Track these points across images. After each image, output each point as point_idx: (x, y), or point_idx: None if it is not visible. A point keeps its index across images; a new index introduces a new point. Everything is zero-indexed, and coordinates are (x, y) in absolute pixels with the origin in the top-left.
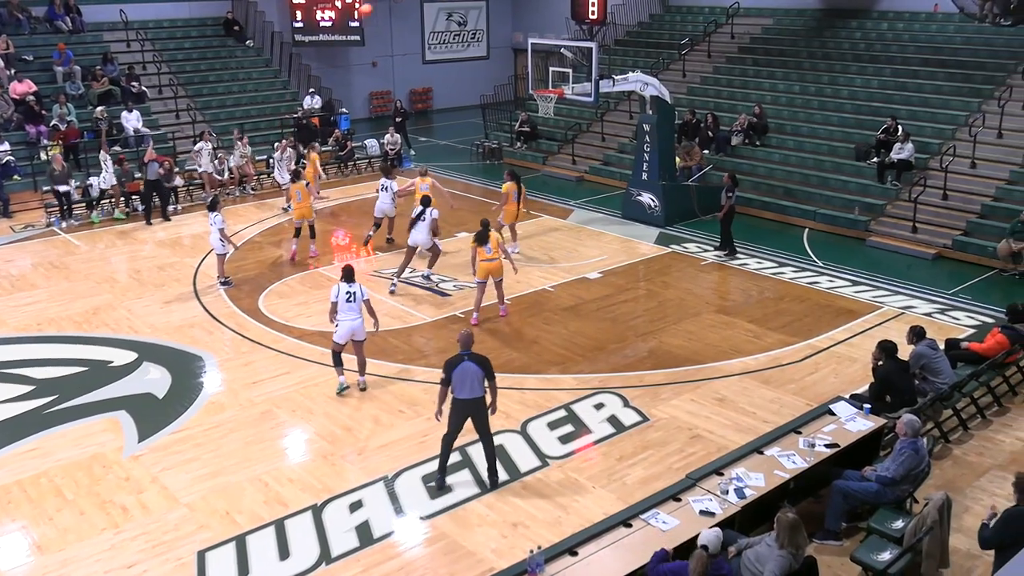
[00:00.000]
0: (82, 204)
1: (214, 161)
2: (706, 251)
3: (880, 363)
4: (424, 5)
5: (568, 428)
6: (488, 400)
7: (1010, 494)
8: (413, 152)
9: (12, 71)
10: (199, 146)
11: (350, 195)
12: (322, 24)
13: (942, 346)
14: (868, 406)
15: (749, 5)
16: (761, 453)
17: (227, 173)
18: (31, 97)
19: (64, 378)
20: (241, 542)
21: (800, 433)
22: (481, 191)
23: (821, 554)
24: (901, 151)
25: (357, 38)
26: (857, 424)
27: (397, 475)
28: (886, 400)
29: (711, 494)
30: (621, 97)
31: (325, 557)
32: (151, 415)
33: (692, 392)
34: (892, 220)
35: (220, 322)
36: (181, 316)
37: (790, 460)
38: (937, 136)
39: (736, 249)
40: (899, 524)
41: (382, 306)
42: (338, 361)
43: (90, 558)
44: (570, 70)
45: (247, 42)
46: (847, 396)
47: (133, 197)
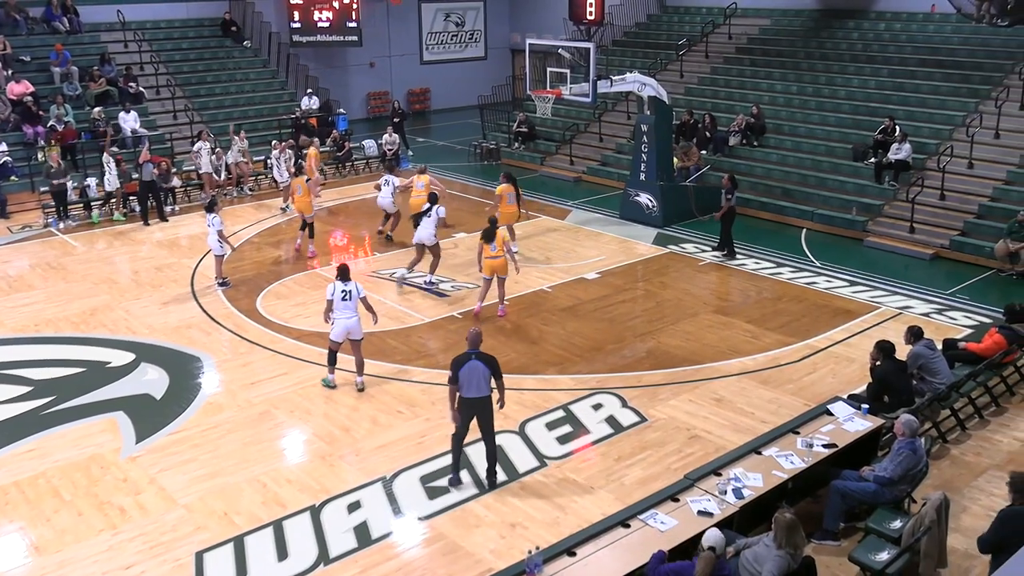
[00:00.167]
0: (79, 205)
1: (211, 157)
2: (704, 251)
3: (878, 363)
4: (422, 6)
5: (566, 428)
6: (496, 398)
7: (1008, 494)
8: (411, 153)
9: (9, 72)
10: (198, 146)
11: (348, 195)
12: (320, 25)
13: (940, 346)
14: (866, 406)
15: (747, 5)
16: (759, 453)
17: (224, 171)
18: (28, 98)
19: (62, 379)
20: (239, 543)
21: (798, 433)
22: (479, 192)
23: (819, 554)
24: (898, 151)
25: (355, 39)
26: (855, 424)
27: (395, 476)
28: (884, 400)
29: (709, 494)
30: (619, 98)
31: (323, 558)
32: (149, 416)
33: (690, 392)
34: (890, 220)
35: (218, 323)
36: (179, 317)
37: (788, 460)
38: (934, 136)
39: (736, 252)
40: (897, 524)
41: (380, 307)
42: (332, 360)
43: (88, 559)
44: (568, 71)
45: (245, 43)
46: (845, 396)
47: (131, 198)
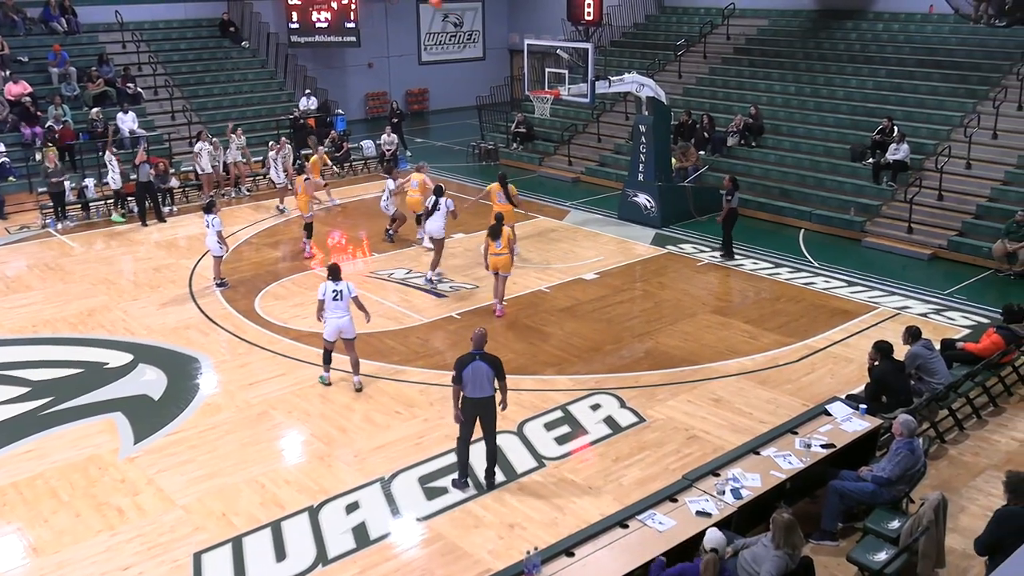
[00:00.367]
0: (77, 205)
1: (211, 156)
2: (702, 252)
3: (876, 363)
4: (420, 6)
5: (564, 429)
6: (499, 399)
7: (1004, 494)
8: (409, 153)
9: (7, 72)
10: (198, 147)
11: (346, 196)
12: (318, 25)
13: (938, 346)
14: (864, 406)
15: (745, 6)
16: (757, 453)
17: (223, 170)
18: (26, 98)
19: (60, 380)
20: (237, 544)
21: (796, 433)
22: (477, 192)
23: (817, 554)
24: (896, 152)
25: (353, 39)
26: (853, 424)
27: (394, 476)
28: (882, 400)
29: (707, 495)
30: (617, 98)
31: (322, 558)
32: (147, 417)
33: (688, 393)
34: (888, 221)
35: (216, 324)
36: (177, 318)
37: (786, 460)
38: (932, 137)
39: (734, 252)
40: (895, 524)
41: (378, 307)
42: (327, 359)
43: (86, 560)
44: (566, 71)
45: (243, 43)
46: (843, 396)
47: (128, 199)
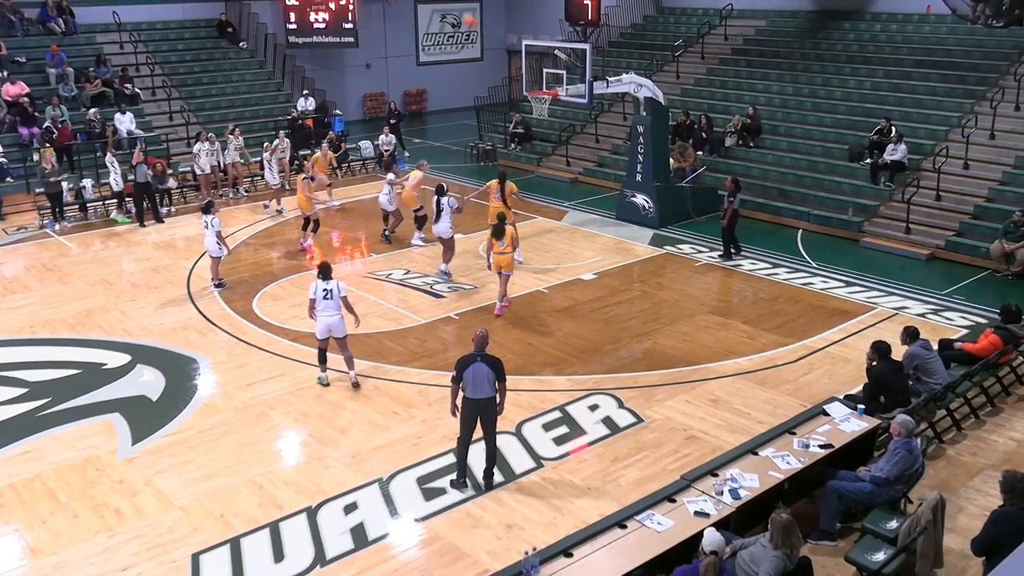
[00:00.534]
0: (75, 206)
1: (210, 157)
2: (700, 252)
3: (874, 364)
4: (418, 7)
5: (563, 429)
6: (498, 400)
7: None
8: (407, 154)
9: (5, 73)
10: (197, 147)
11: (345, 196)
12: (316, 26)
13: (936, 347)
14: (862, 407)
15: (743, 7)
16: (756, 454)
17: (220, 170)
18: (24, 99)
19: (58, 381)
20: (235, 545)
21: (794, 434)
22: (470, 192)
23: (816, 554)
24: (894, 152)
25: (351, 40)
26: (851, 424)
27: (392, 477)
28: (880, 401)
29: (706, 495)
30: (615, 99)
31: (320, 559)
32: (145, 417)
33: (687, 393)
34: (885, 221)
35: (214, 324)
36: (175, 318)
37: (784, 461)
38: (930, 137)
39: (732, 254)
40: (893, 524)
41: (376, 308)
42: (323, 359)
43: (84, 561)
44: (564, 72)
45: (241, 44)
46: (841, 397)
47: (127, 199)
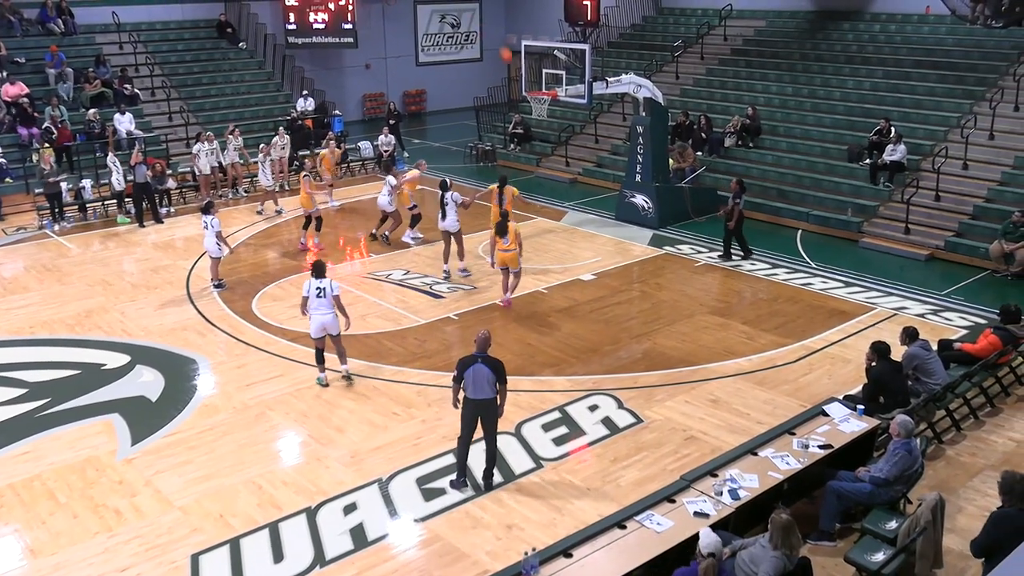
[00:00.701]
0: (74, 207)
1: (210, 157)
2: (700, 252)
3: (873, 364)
4: (417, 7)
5: (562, 430)
6: (498, 402)
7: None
8: (407, 154)
9: (4, 73)
10: (197, 148)
11: (344, 197)
12: (315, 26)
13: (935, 347)
14: (861, 407)
15: (742, 7)
16: (755, 454)
17: (220, 170)
18: (24, 99)
19: (57, 381)
20: (235, 545)
21: (794, 434)
22: (474, 193)
23: (815, 555)
24: (893, 152)
25: (350, 40)
26: (851, 425)
27: (391, 477)
28: (879, 401)
29: (705, 495)
30: (614, 99)
31: (319, 560)
32: (144, 418)
33: (686, 393)
34: (885, 221)
35: (213, 325)
36: (174, 319)
37: (784, 461)
38: (929, 137)
39: (732, 254)
40: (893, 525)
41: (375, 308)
42: (320, 359)
43: (83, 562)
44: (563, 72)
45: (240, 44)
46: (841, 397)
47: (126, 200)
